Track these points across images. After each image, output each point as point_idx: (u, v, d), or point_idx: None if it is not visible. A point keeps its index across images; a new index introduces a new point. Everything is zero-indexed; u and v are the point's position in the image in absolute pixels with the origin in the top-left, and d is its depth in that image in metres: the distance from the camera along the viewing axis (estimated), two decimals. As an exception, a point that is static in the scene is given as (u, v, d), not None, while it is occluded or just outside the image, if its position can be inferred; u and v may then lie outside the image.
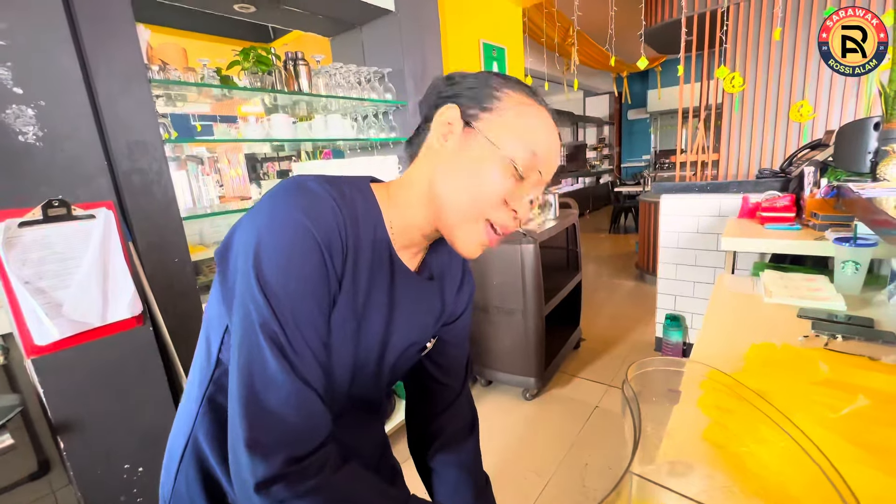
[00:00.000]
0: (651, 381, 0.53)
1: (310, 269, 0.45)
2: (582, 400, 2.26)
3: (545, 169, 0.52)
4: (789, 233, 1.58)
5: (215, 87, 1.44)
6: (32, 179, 0.98)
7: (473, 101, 0.51)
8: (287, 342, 0.43)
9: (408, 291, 0.57)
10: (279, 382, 0.42)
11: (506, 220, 0.51)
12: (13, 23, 0.93)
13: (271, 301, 0.43)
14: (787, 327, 0.99)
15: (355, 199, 0.50)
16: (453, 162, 0.50)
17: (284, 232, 0.44)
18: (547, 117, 0.52)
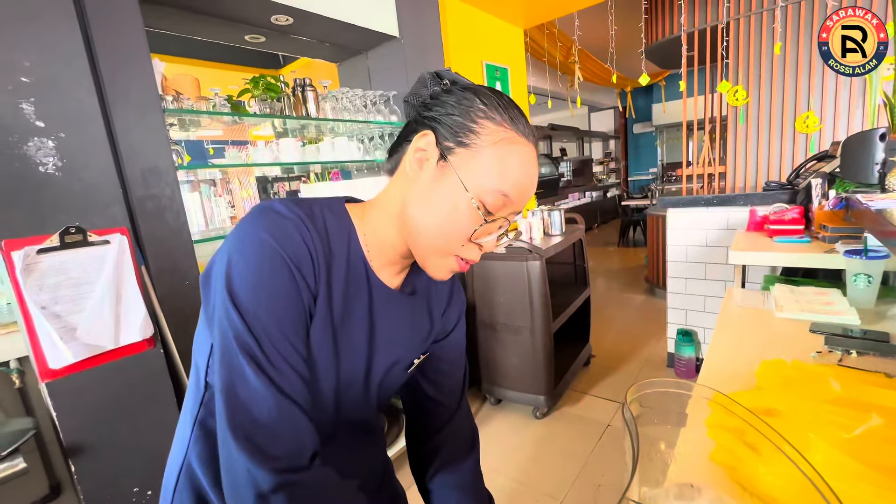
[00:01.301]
0: (662, 401, 0.52)
1: (280, 284, 0.46)
2: (593, 418, 2.21)
3: (516, 204, 0.52)
4: (798, 246, 1.56)
5: (226, 115, 1.49)
6: (51, 208, 1.02)
7: (451, 133, 0.50)
8: (264, 357, 0.44)
9: (388, 308, 0.57)
10: (262, 395, 0.43)
11: (472, 255, 0.52)
12: (37, 61, 0.99)
13: (245, 318, 0.44)
14: (799, 342, 0.97)
15: (326, 217, 0.52)
16: (425, 194, 0.50)
17: (252, 252, 0.45)
18: (526, 152, 0.51)
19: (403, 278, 0.61)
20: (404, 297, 0.60)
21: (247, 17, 1.64)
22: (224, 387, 0.44)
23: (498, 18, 2.71)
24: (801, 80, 2.86)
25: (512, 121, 0.50)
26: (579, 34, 3.14)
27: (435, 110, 0.51)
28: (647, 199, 6.39)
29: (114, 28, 1.12)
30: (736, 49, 3.03)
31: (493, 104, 0.50)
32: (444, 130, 0.50)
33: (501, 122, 0.49)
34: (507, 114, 0.50)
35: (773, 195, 2.11)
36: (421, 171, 0.51)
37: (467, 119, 0.49)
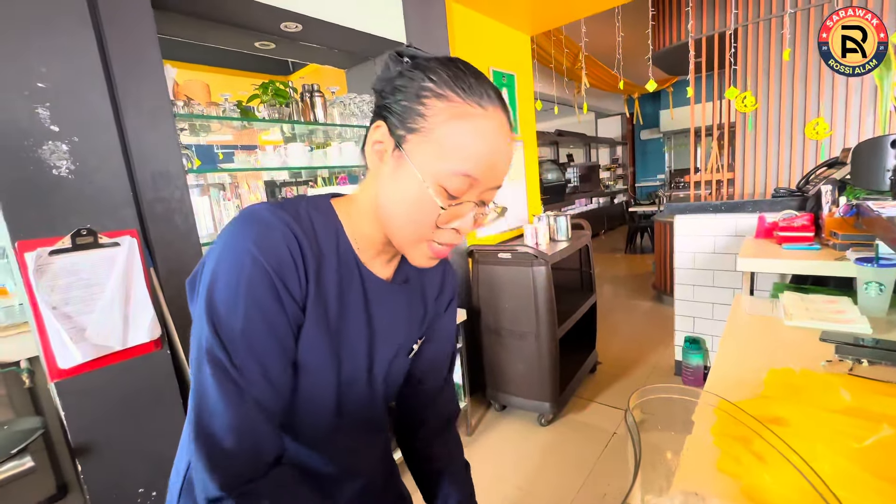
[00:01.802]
0: (667, 408, 0.52)
1: (260, 295, 0.45)
2: (599, 426, 2.19)
3: (486, 182, 0.49)
4: (808, 253, 1.54)
5: (235, 120, 1.51)
6: (63, 210, 1.04)
7: (400, 120, 0.48)
8: (233, 369, 0.45)
9: (383, 300, 0.57)
10: (223, 408, 0.44)
11: (448, 239, 0.51)
12: (53, 67, 1.01)
13: (219, 331, 0.45)
14: (809, 351, 0.95)
15: (312, 216, 0.51)
16: (390, 185, 0.50)
17: (235, 262, 0.45)
18: (483, 123, 0.47)
19: (395, 268, 0.61)
20: (398, 286, 0.60)
21: (257, 24, 1.66)
22: (193, 393, 0.46)
23: (505, 25, 2.73)
24: (810, 86, 2.84)
25: (466, 92, 0.46)
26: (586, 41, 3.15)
27: (388, 97, 0.49)
28: (655, 206, 6.35)
29: (127, 35, 1.15)
30: (744, 55, 3.02)
31: (442, 79, 0.47)
32: (394, 119, 0.48)
33: (452, 96, 0.46)
34: (457, 86, 0.46)
35: (782, 202, 2.09)
36: (382, 164, 0.50)
37: (414, 102, 0.47)
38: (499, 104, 0.49)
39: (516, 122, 2.85)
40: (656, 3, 3.53)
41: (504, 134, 0.48)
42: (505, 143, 0.49)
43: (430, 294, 0.66)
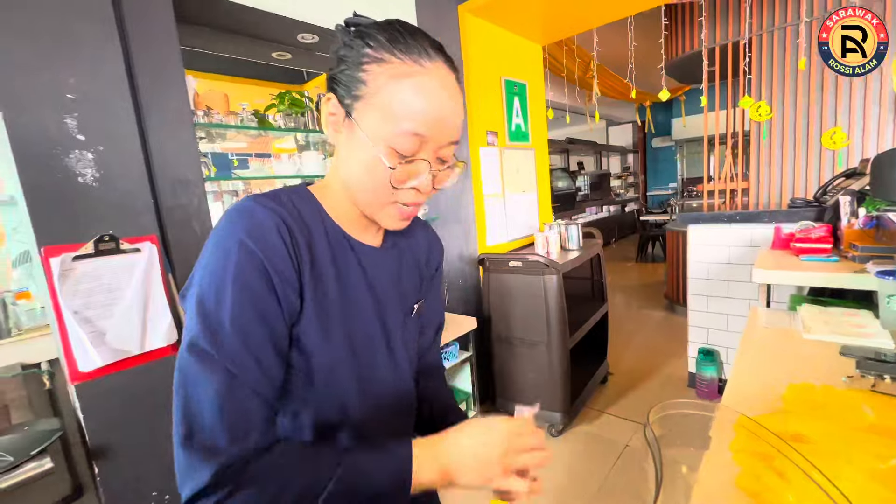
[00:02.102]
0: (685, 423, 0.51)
1: (249, 280, 0.45)
2: (610, 438, 2.16)
3: (437, 138, 0.49)
4: (827, 265, 1.51)
5: (253, 129, 1.54)
6: (87, 216, 1.07)
7: (346, 90, 0.49)
8: (219, 355, 0.43)
9: (379, 265, 0.59)
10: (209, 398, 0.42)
11: (410, 199, 0.52)
12: (81, 78, 1.05)
13: (206, 319, 0.44)
14: (829, 366, 0.93)
15: (294, 202, 0.52)
16: (347, 154, 0.51)
17: (224, 252, 0.45)
18: (424, 79, 0.47)
19: (382, 236, 0.62)
20: (388, 251, 0.62)
21: (275, 36, 1.70)
22: (178, 387, 0.44)
23: (517, 35, 2.75)
24: (827, 96, 2.80)
25: (403, 52, 0.47)
26: (598, 50, 3.15)
27: (335, 69, 0.51)
28: (667, 215, 6.29)
29: (152, 47, 1.19)
30: (758, 65, 2.99)
31: (380, 43, 0.48)
32: (341, 89, 0.50)
33: (390, 59, 0.47)
34: (395, 48, 0.47)
35: (798, 212, 2.06)
36: (338, 135, 0.52)
37: (356, 70, 0.48)
38: (439, 59, 0.49)
39: (528, 131, 2.86)
40: (669, 13, 3.52)
41: (448, 88, 0.49)
42: (448, 95, 0.49)
43: (420, 258, 0.68)
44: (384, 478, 0.45)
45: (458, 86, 0.51)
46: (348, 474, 0.44)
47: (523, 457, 0.49)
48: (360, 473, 0.44)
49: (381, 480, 0.45)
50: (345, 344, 0.53)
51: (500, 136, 2.62)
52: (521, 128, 2.80)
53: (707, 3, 3.05)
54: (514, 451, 0.49)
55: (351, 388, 0.55)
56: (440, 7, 2.23)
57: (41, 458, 1.00)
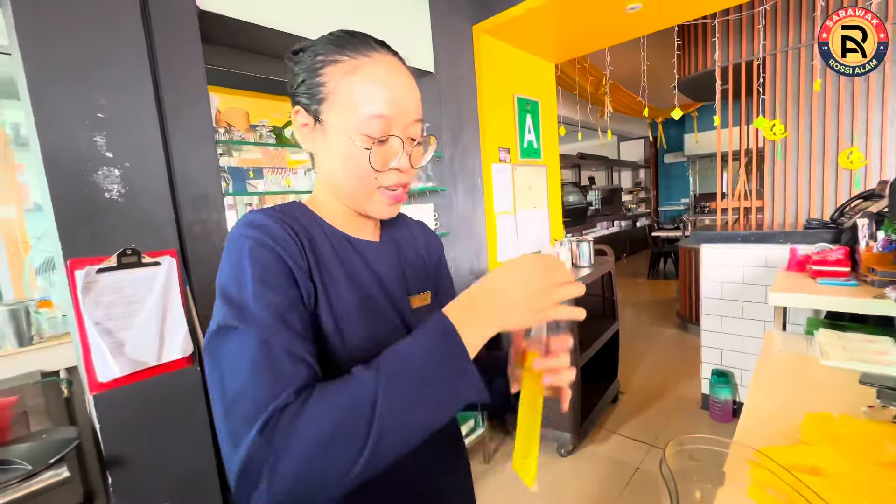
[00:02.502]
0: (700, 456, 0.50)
1: (265, 260, 0.47)
2: (622, 460, 2.12)
3: (401, 116, 0.52)
4: (844, 289, 1.48)
5: (272, 146, 1.58)
6: (112, 230, 1.10)
7: (309, 99, 0.53)
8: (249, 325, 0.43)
9: (382, 257, 0.61)
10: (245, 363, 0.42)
11: (393, 180, 0.55)
12: (111, 98, 1.09)
13: (230, 301, 0.45)
14: (848, 395, 0.92)
15: (292, 211, 0.56)
16: (326, 156, 0.55)
17: (240, 249, 0.47)
18: (373, 69, 0.52)
19: (378, 232, 0.65)
20: (387, 245, 0.64)
21: (295, 56, 1.75)
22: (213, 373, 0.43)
23: (530, 54, 2.79)
24: (843, 116, 2.78)
25: (351, 49, 0.52)
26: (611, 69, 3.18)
27: (294, 89, 0.56)
28: (679, 231, 6.23)
29: (178, 68, 1.23)
30: (773, 84, 2.99)
31: (326, 49, 0.53)
32: (304, 99, 0.54)
33: (340, 58, 0.52)
34: (340, 48, 0.52)
35: (815, 234, 2.03)
36: (314, 142, 0.56)
37: (312, 77, 0.53)
38: (383, 49, 0.54)
39: (540, 147, 2.88)
40: (682, 33, 3.55)
41: (396, 70, 0.53)
42: (400, 77, 0.53)
43: (419, 249, 0.70)
44: (428, 348, 0.41)
45: (406, 69, 0.56)
46: (391, 368, 0.40)
47: (565, 288, 0.46)
48: (402, 358, 0.41)
49: (426, 352, 0.41)
50: (368, 338, 0.54)
51: (513, 153, 2.65)
52: (534, 144, 2.82)
53: (720, 24, 3.06)
54: (558, 281, 0.45)
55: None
56: (455, 27, 2.28)
57: (58, 466, 1.02)
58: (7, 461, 1.00)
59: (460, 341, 0.41)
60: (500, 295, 0.44)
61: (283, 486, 0.37)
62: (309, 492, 0.38)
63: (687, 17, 2.47)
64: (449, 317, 0.43)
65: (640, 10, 2.26)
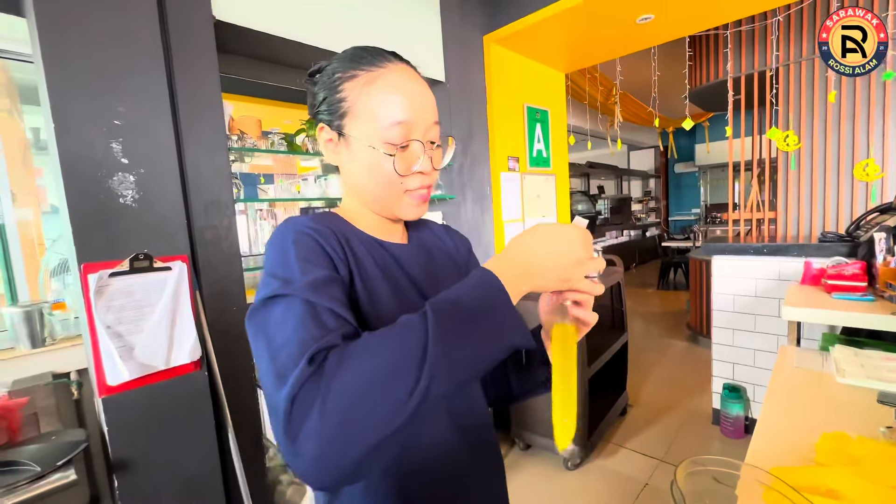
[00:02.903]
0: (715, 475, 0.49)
1: (308, 246, 0.50)
2: (629, 475, 2.08)
3: (419, 120, 0.55)
4: (861, 304, 1.45)
5: (283, 153, 1.60)
6: (126, 235, 1.12)
7: (331, 115, 0.56)
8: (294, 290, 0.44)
9: (413, 259, 0.63)
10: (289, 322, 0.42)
11: (418, 183, 0.57)
12: (129, 106, 1.12)
13: (276, 279, 0.46)
14: (865, 414, 0.89)
15: (326, 218, 0.58)
16: (352, 169, 0.57)
17: (283, 241, 0.50)
18: (389, 79, 0.54)
19: (407, 236, 0.67)
20: (416, 247, 0.66)
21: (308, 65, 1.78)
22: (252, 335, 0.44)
23: (540, 64, 2.80)
24: (858, 127, 2.74)
25: (365, 62, 0.55)
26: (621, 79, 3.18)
27: (316, 108, 0.58)
28: (689, 241, 6.16)
29: (194, 77, 1.26)
30: (786, 95, 2.96)
31: (343, 66, 0.55)
32: (327, 116, 0.57)
33: (357, 72, 0.54)
34: (356, 63, 0.55)
35: (830, 247, 1.99)
36: (338, 156, 0.59)
37: (332, 94, 0.56)
38: (396, 60, 0.57)
39: (549, 156, 2.88)
40: (693, 43, 3.54)
41: (410, 77, 0.56)
42: (414, 83, 0.56)
43: (448, 248, 0.72)
44: (474, 295, 0.42)
45: (419, 75, 0.58)
46: (440, 312, 0.40)
47: (592, 262, 0.48)
48: (449, 304, 0.41)
49: (473, 299, 0.42)
50: None
51: (522, 162, 2.65)
52: (543, 153, 2.82)
53: (732, 35, 3.05)
54: (589, 255, 0.47)
55: None
56: (466, 37, 2.30)
57: (66, 469, 1.03)
58: (17, 462, 1.01)
59: (504, 289, 0.43)
60: (537, 256, 0.45)
61: (334, 419, 0.36)
62: (360, 429, 0.36)
63: (699, 28, 2.46)
64: (491, 268, 0.44)
65: (651, 21, 2.26)
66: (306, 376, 0.37)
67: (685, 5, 2.11)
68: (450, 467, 0.58)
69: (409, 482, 0.55)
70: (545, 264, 0.45)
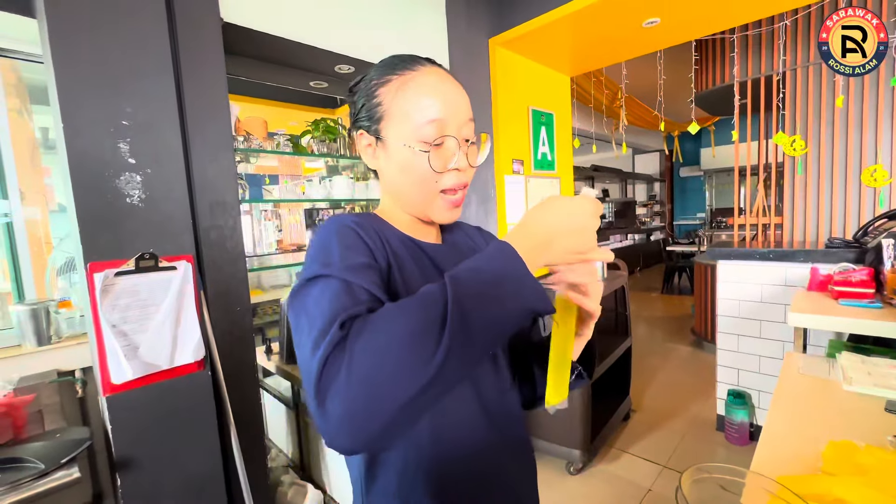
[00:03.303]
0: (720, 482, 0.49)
1: (350, 239, 0.52)
2: (632, 480, 2.06)
3: (453, 118, 0.56)
4: (868, 311, 1.44)
5: (288, 154, 1.61)
6: (132, 235, 1.13)
7: (369, 121, 0.59)
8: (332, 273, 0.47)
9: (447, 259, 0.64)
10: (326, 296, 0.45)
11: (455, 181, 0.58)
12: (137, 107, 1.13)
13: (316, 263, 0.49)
14: (873, 423, 0.88)
15: (368, 218, 0.60)
16: (390, 168, 0.59)
17: (324, 233, 0.53)
18: (421, 81, 0.56)
19: (440, 238, 0.69)
20: (450, 248, 0.68)
21: (314, 67, 1.79)
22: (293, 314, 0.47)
23: (545, 67, 2.80)
24: (866, 133, 2.72)
25: (399, 68, 0.57)
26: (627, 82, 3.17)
27: (357, 115, 0.61)
28: (694, 245, 6.13)
29: (202, 79, 1.27)
30: (793, 100, 2.94)
31: (379, 73, 0.58)
32: (365, 122, 0.60)
33: (391, 77, 0.57)
34: (390, 69, 0.58)
35: (837, 253, 1.97)
36: (377, 160, 0.61)
37: (370, 100, 0.58)
38: (428, 63, 0.59)
39: (554, 159, 2.88)
40: (699, 47, 3.53)
41: (442, 78, 0.58)
42: (447, 83, 0.57)
43: (480, 249, 0.73)
44: (493, 265, 0.43)
45: (452, 77, 0.60)
46: (459, 279, 0.41)
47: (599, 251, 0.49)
48: (469, 272, 0.42)
49: (492, 267, 0.43)
50: None
51: (526, 165, 2.65)
52: (547, 157, 2.81)
53: (739, 39, 3.04)
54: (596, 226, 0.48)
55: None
56: (471, 40, 2.31)
57: (70, 466, 1.03)
58: (21, 459, 1.01)
59: (520, 258, 0.43)
60: (550, 228, 0.46)
61: (358, 379, 0.37)
62: (384, 390, 0.37)
63: (705, 33, 2.45)
64: (508, 240, 0.45)
65: (657, 25, 2.26)
66: (336, 340, 0.39)
67: (691, 9, 2.11)
68: (481, 462, 0.59)
69: (442, 476, 0.56)
70: (557, 236, 0.46)
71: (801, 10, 2.80)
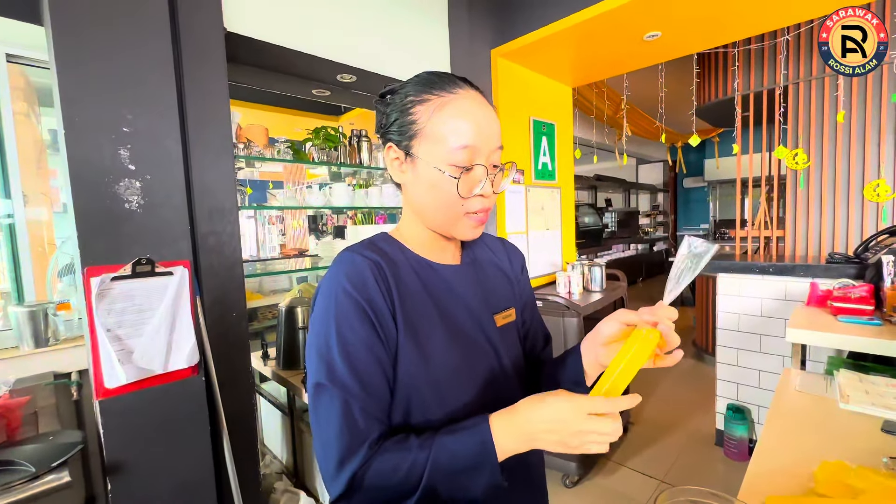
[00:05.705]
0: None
1: (353, 322, 0.54)
2: (629, 495, 2.04)
3: (484, 145, 0.57)
4: (867, 328, 1.42)
5: (288, 162, 1.62)
6: (129, 240, 1.14)
7: (400, 136, 0.59)
8: (335, 387, 0.53)
9: (465, 279, 0.66)
10: (331, 421, 0.52)
11: (479, 206, 0.60)
12: (138, 114, 1.14)
13: (320, 358, 0.54)
14: (868, 443, 0.87)
15: (381, 243, 0.63)
16: (416, 189, 0.61)
17: (330, 298, 0.56)
18: (459, 104, 0.57)
19: (460, 255, 0.70)
20: (469, 266, 0.69)
21: (317, 76, 1.81)
22: (311, 420, 0.55)
23: (547, 78, 2.81)
24: (869, 148, 2.71)
25: (437, 88, 0.58)
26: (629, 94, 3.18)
27: (387, 127, 0.62)
28: (697, 257, 6.08)
29: (203, 87, 1.29)
30: (795, 113, 2.94)
31: (416, 89, 0.59)
32: (396, 136, 0.60)
33: (428, 97, 0.58)
34: (428, 88, 0.58)
35: (837, 268, 1.96)
36: (404, 174, 0.62)
37: (404, 115, 0.59)
38: (466, 86, 0.59)
39: (555, 169, 2.88)
40: (701, 60, 3.54)
41: (479, 104, 0.59)
42: (483, 110, 0.58)
43: (502, 263, 0.74)
44: (468, 453, 0.50)
45: (487, 101, 0.61)
46: (438, 459, 0.50)
47: (598, 424, 0.50)
48: (448, 454, 0.50)
49: (467, 456, 0.50)
50: (454, 360, 0.60)
51: (526, 175, 2.65)
52: (548, 167, 2.82)
53: (741, 53, 3.05)
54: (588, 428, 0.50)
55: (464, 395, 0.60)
56: (473, 51, 2.33)
57: (60, 470, 1.03)
58: (12, 462, 1.01)
59: (495, 455, 0.50)
60: (536, 427, 0.50)
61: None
62: None
63: (707, 46, 2.46)
64: (492, 425, 0.51)
65: (658, 38, 2.27)
66: (342, 490, 0.52)
67: (692, 24, 2.12)
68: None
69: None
70: (543, 434, 0.50)
71: (804, 25, 2.81)
